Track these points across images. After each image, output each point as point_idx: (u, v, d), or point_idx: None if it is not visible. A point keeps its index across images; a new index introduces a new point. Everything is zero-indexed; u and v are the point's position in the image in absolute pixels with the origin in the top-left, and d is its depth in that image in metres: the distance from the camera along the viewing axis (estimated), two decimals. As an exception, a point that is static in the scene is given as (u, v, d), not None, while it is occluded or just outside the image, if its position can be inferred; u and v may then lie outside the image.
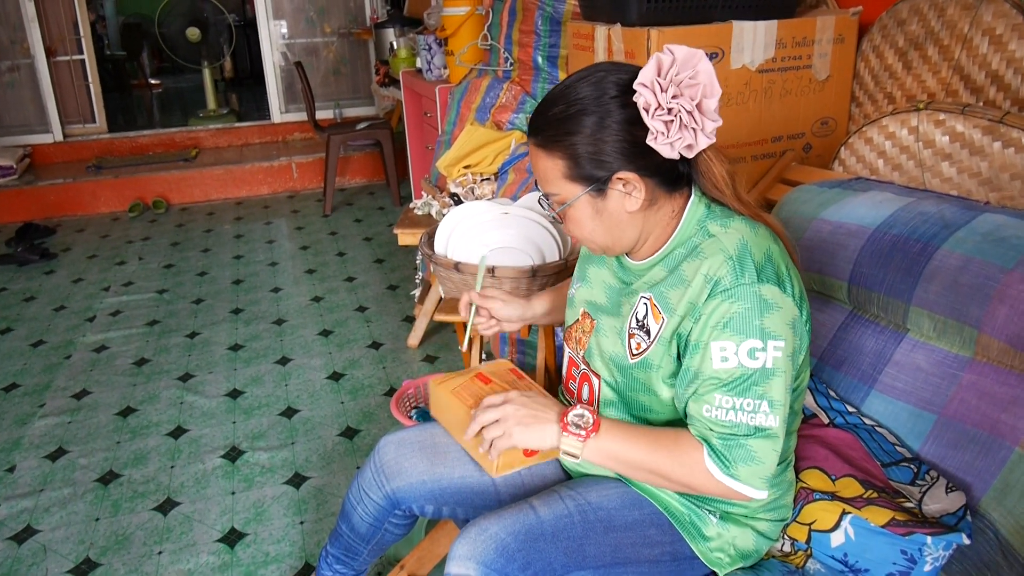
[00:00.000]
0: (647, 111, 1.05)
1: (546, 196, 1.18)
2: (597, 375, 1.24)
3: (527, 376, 1.37)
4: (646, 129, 1.06)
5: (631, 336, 1.17)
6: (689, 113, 1.05)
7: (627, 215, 1.13)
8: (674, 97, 1.04)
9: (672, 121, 1.05)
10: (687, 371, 1.10)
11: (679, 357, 1.13)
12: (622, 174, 1.09)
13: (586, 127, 1.08)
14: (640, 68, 1.09)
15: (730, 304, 1.05)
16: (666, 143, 1.06)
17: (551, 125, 1.11)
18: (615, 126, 1.08)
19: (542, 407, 1.16)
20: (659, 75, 1.05)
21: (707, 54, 1.76)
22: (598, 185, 1.11)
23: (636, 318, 1.17)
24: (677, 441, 1.11)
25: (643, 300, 1.17)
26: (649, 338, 1.15)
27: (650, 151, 1.08)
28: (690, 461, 1.09)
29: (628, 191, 1.11)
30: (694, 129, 1.07)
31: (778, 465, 1.20)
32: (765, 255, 1.08)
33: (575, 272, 1.36)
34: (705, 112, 1.07)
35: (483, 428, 1.16)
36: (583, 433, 1.11)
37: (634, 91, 1.06)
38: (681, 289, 1.11)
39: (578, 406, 1.15)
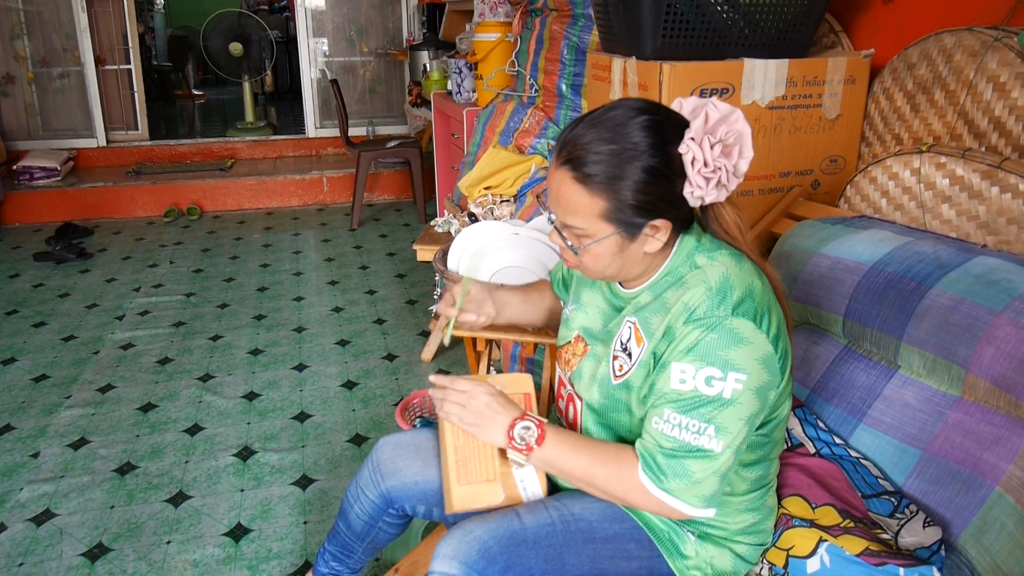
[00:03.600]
0: (692, 165, 1.08)
1: (565, 226, 1.15)
2: (580, 397, 1.27)
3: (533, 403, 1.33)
4: (684, 178, 1.09)
5: (615, 358, 1.21)
6: (728, 172, 1.09)
7: (643, 254, 1.16)
8: (720, 155, 1.08)
9: (711, 178, 1.08)
10: (652, 386, 1.15)
11: None
12: (657, 222, 1.12)
13: (638, 174, 1.07)
14: (675, 112, 1.12)
15: (701, 332, 1.08)
16: (700, 196, 1.10)
17: (599, 163, 1.08)
18: (663, 176, 1.09)
19: (500, 414, 1.21)
20: (707, 130, 1.08)
21: (718, 90, 1.83)
22: (631, 229, 1.12)
23: (621, 340, 1.21)
24: (619, 457, 1.16)
25: (628, 323, 1.21)
26: (631, 360, 1.18)
27: (682, 200, 1.11)
28: (627, 478, 1.14)
29: (654, 234, 1.13)
30: (725, 187, 1.11)
31: (758, 491, 1.23)
32: (746, 290, 1.10)
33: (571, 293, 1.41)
34: (738, 172, 1.11)
35: (443, 390, 1.24)
36: (524, 447, 1.20)
37: (676, 139, 1.08)
38: (662, 315, 1.15)
39: (526, 418, 1.20)
